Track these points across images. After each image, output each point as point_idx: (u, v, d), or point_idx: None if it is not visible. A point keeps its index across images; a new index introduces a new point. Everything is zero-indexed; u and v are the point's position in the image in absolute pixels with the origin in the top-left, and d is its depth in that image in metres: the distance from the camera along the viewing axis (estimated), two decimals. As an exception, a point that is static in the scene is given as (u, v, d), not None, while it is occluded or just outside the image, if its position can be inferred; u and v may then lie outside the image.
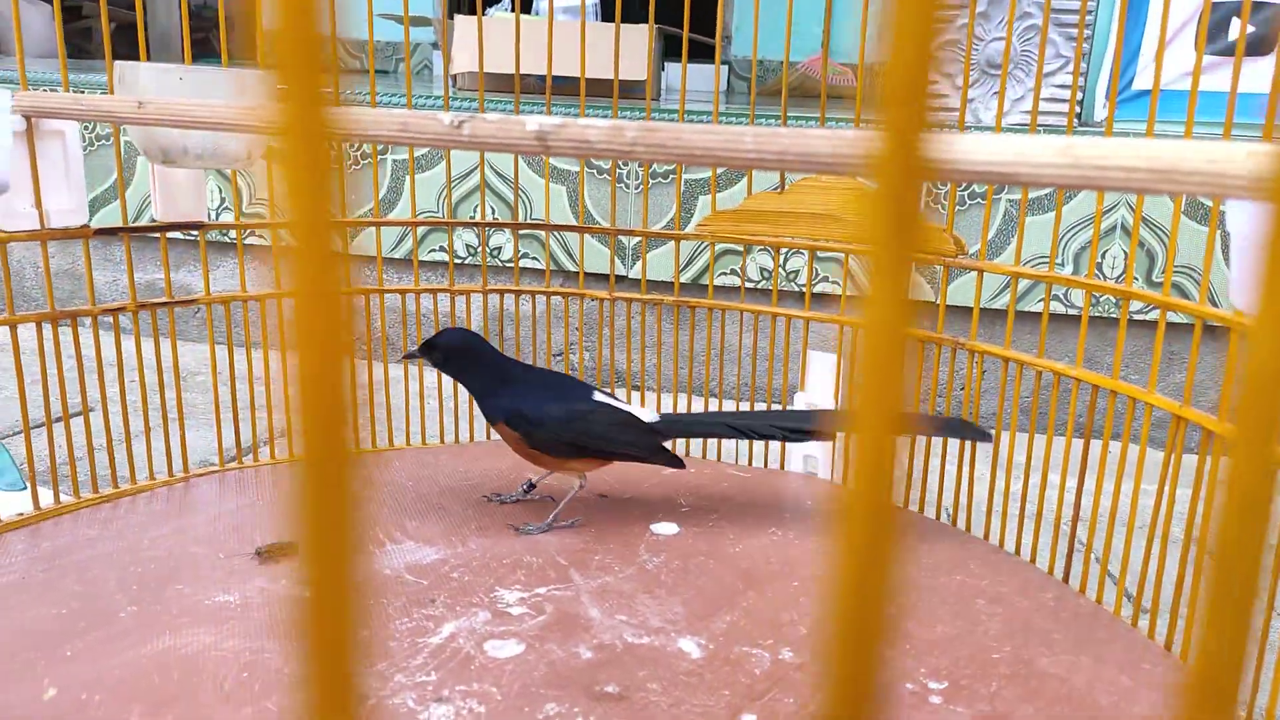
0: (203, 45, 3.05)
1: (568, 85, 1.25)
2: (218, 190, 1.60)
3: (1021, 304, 1.41)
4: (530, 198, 1.54)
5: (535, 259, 1.55)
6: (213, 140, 0.62)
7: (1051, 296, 1.36)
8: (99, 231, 0.67)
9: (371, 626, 0.54)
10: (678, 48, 2.04)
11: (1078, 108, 1.48)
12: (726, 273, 1.49)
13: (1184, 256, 1.38)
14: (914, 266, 0.12)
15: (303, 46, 0.11)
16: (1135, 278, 1.39)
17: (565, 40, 0.82)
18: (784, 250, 1.39)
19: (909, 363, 0.12)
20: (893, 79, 0.11)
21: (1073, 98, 0.67)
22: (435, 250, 1.57)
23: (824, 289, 1.37)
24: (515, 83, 0.77)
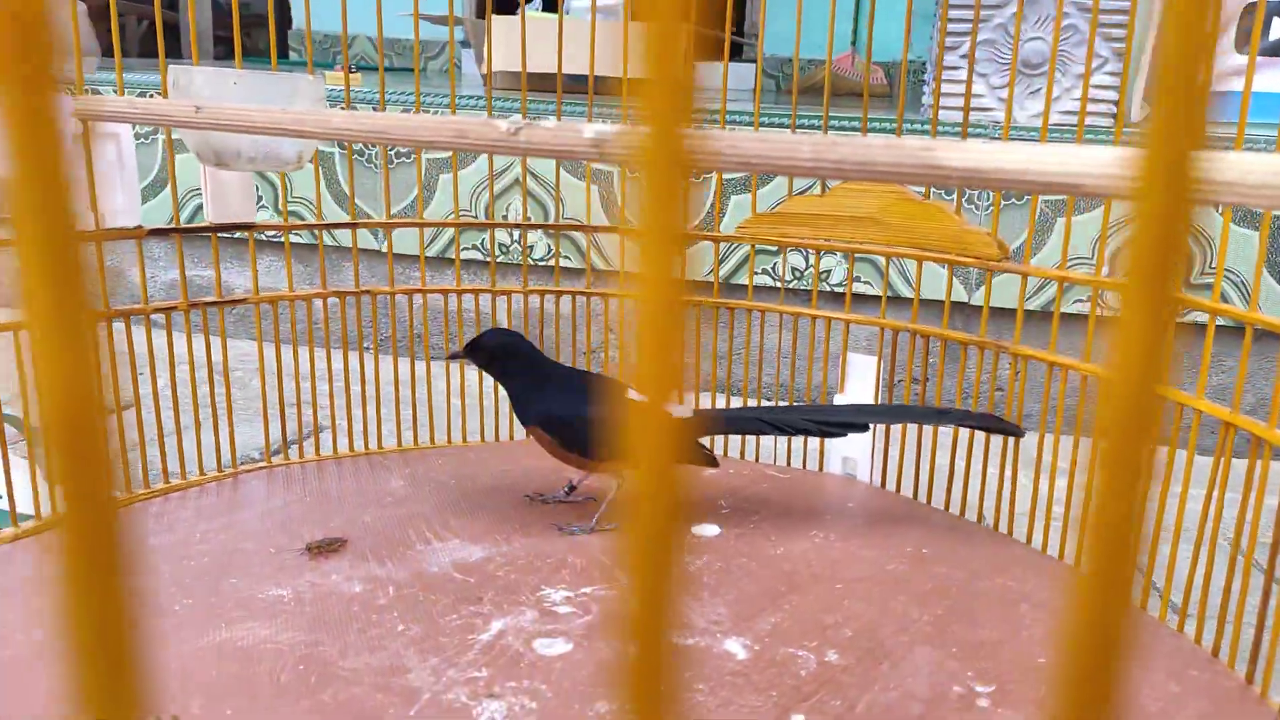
0: (225, 44, 3.08)
1: (600, 85, 1.26)
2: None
3: (1051, 305, 1.40)
4: (563, 197, 1.54)
5: (566, 258, 1.56)
6: (265, 143, 0.63)
7: (1085, 298, 1.35)
8: (152, 232, 0.68)
9: (423, 622, 0.55)
10: (706, 46, 2.03)
11: (1114, 108, 1.46)
12: (757, 272, 1.49)
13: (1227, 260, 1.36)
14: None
15: None
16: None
17: (599, 40, 0.83)
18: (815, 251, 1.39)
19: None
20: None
21: (1122, 99, 0.66)
22: (465, 249, 1.58)
23: (859, 290, 1.36)
24: (557, 83, 0.78)
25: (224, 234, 0.71)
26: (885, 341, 0.74)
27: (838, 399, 0.76)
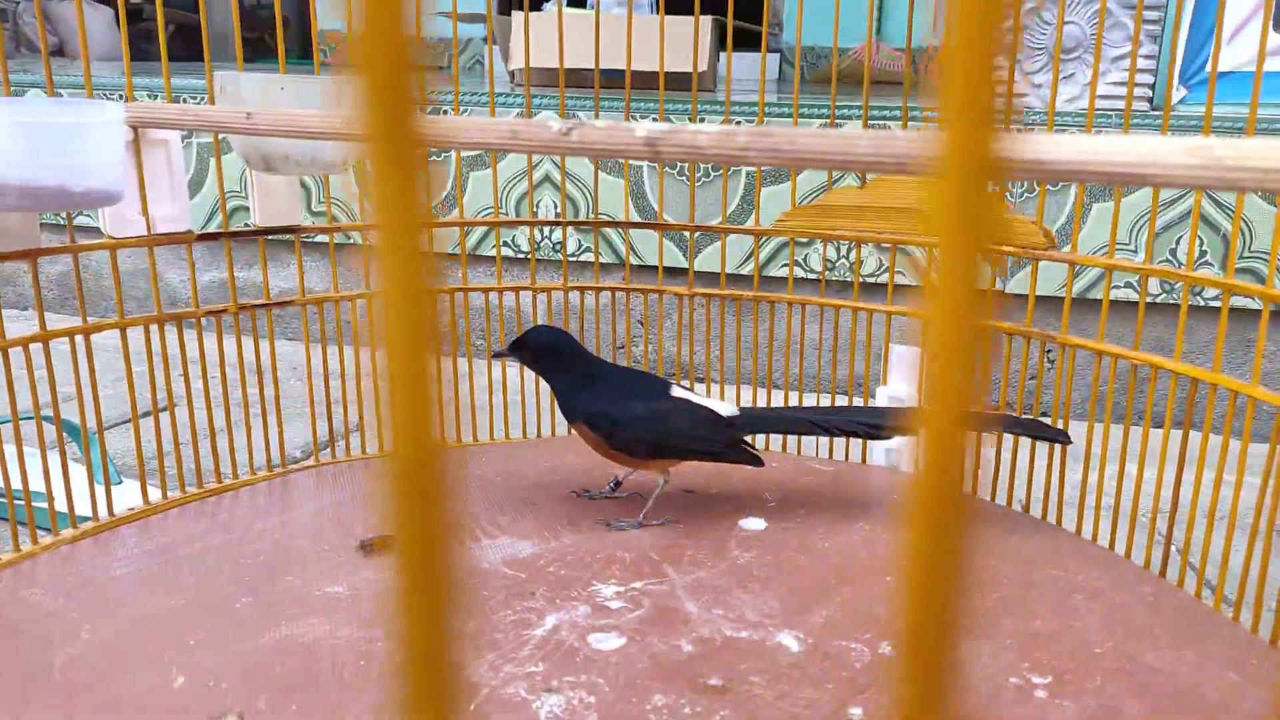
0: (257, 46, 3.11)
1: (638, 80, 1.26)
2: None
3: (1090, 291, 1.39)
4: (590, 192, 1.55)
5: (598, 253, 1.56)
6: (312, 148, 0.64)
7: (1123, 284, 1.33)
8: (201, 236, 0.69)
9: (477, 618, 0.56)
10: (734, 38, 2.03)
11: (1149, 92, 1.44)
12: (788, 264, 1.48)
13: (1260, 241, 1.34)
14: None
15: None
16: (1236, 269, 1.35)
17: (620, 35, 0.83)
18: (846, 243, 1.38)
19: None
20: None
21: (1172, 84, 0.66)
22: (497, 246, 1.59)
23: (897, 281, 1.36)
24: (594, 78, 0.78)
25: (249, 237, 0.72)
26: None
27: (880, 391, 0.76)
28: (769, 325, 0.79)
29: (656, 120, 0.68)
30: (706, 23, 1.56)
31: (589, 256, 1.54)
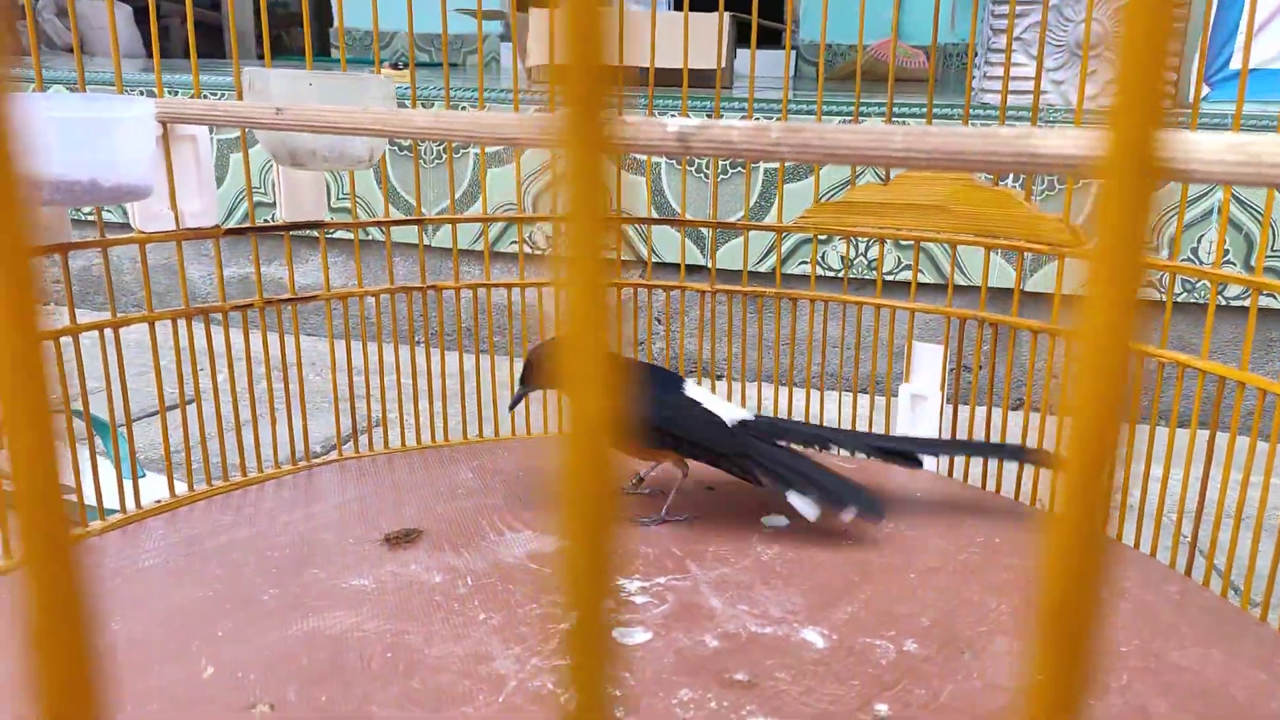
0: (276, 43, 3.12)
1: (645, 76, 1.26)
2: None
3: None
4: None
5: (620, 249, 1.56)
6: (339, 143, 0.64)
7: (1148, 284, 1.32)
8: (229, 231, 0.70)
9: (502, 611, 0.56)
10: (749, 35, 2.03)
11: (1172, 89, 1.43)
12: (805, 261, 1.48)
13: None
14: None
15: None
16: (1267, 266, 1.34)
17: (640, 30, 0.83)
18: (863, 240, 1.38)
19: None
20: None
21: (1198, 83, 0.65)
22: (514, 243, 1.59)
23: (905, 276, 1.35)
24: (618, 75, 0.78)
25: (274, 232, 0.73)
26: (949, 330, 0.74)
27: (903, 388, 0.76)
28: (791, 322, 0.79)
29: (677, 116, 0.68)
30: (726, 20, 1.56)
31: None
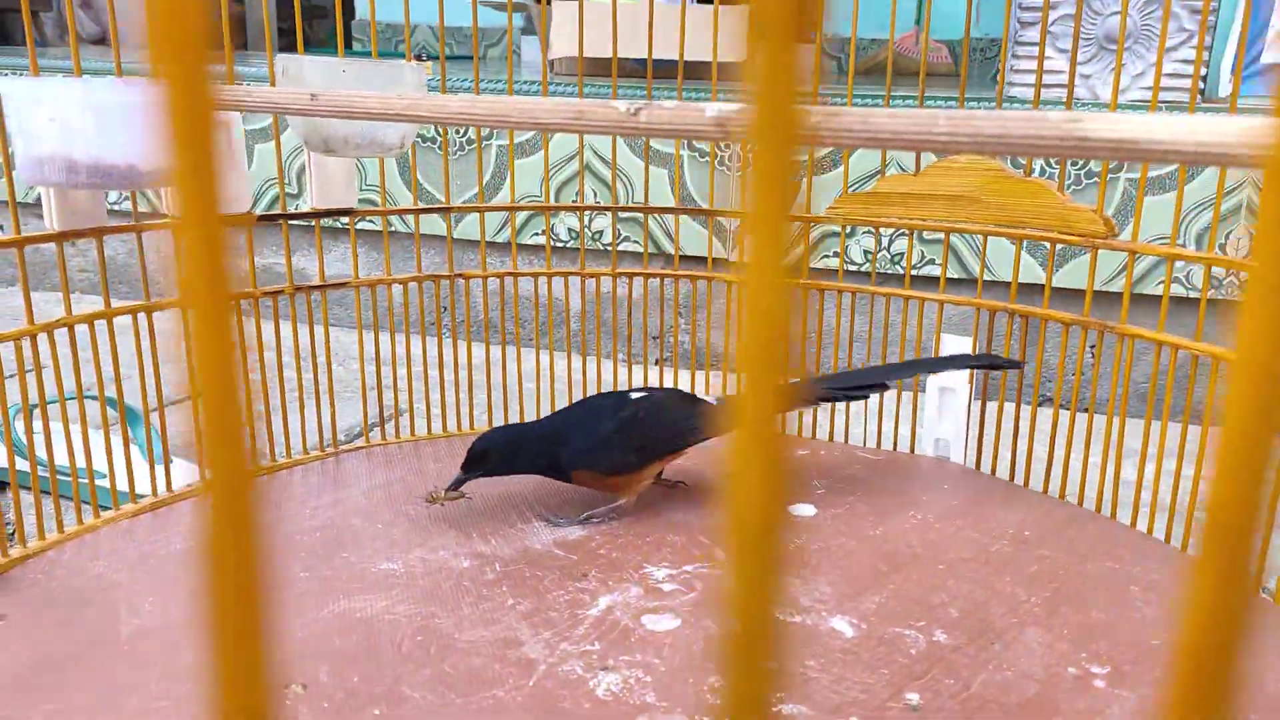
0: (288, 35, 3.13)
1: (667, 68, 1.26)
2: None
3: (1137, 286, 1.37)
4: (631, 182, 1.55)
5: (636, 241, 1.56)
6: (370, 130, 0.65)
7: (1157, 281, 1.31)
8: (261, 218, 0.70)
9: (531, 597, 0.56)
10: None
11: (1201, 84, 1.42)
12: (832, 253, 1.48)
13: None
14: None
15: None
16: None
17: (664, 23, 0.83)
18: (888, 231, 1.37)
19: None
20: None
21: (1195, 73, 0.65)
22: (536, 234, 1.60)
23: (929, 271, 1.35)
24: (613, 67, 0.78)
25: (299, 221, 0.73)
26: (979, 323, 0.73)
27: (931, 381, 0.76)
28: (818, 314, 0.79)
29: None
30: (737, 12, 1.55)
31: (626, 247, 1.55)
